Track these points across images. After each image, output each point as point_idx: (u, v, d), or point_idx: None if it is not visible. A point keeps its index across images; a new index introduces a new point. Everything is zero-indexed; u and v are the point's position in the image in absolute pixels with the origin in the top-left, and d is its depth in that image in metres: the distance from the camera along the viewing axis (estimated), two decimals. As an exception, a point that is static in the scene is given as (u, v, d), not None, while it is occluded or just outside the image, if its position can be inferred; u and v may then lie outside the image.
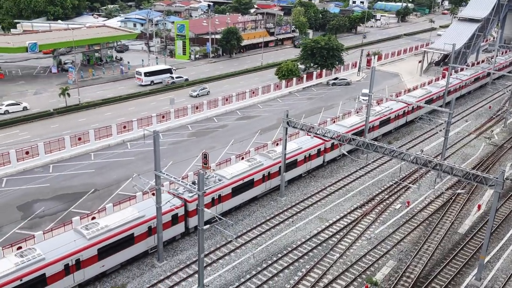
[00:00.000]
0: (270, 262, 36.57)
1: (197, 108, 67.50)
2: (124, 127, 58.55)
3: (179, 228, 38.36)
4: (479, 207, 45.22)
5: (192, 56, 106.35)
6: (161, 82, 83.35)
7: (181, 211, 37.86)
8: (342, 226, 41.83)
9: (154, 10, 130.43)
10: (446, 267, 36.62)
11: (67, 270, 31.58)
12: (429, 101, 69.87)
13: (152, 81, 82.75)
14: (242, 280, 34.51)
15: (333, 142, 40.60)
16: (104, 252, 33.25)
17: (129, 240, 34.64)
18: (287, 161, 45.85)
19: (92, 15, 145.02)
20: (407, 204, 45.71)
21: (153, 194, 37.35)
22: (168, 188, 41.59)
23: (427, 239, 40.13)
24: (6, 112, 64.78)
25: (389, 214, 44.07)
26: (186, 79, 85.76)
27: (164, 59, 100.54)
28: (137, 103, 73.24)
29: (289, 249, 38.32)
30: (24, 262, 29.81)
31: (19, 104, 66.70)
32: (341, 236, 40.11)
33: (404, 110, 64.61)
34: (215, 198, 40.42)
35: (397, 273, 35.78)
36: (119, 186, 46.83)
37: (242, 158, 49.11)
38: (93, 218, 38.10)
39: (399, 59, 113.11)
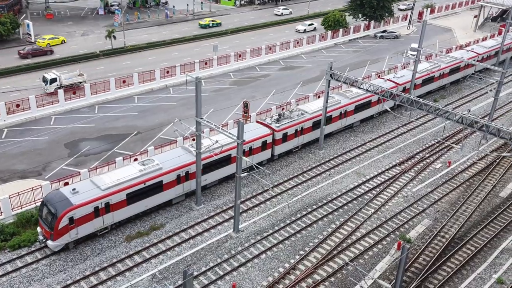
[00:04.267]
0: (304, 212, 37.16)
1: (240, 56, 67.04)
2: (167, 72, 59.14)
3: (267, 154, 42.53)
4: (524, 172, 43.80)
5: (237, 2, 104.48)
6: None
7: (269, 139, 41.94)
8: (379, 182, 41.64)
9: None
10: (483, 229, 36.14)
11: (179, 180, 36.14)
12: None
13: None
14: (276, 228, 35.36)
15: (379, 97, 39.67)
16: (208, 168, 37.41)
17: (227, 160, 38.87)
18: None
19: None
20: (448, 164, 44.76)
21: (193, 139, 38.00)
22: (208, 135, 42.26)
23: (466, 201, 39.49)
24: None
25: (428, 173, 43.40)
26: None
27: (209, 4, 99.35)
28: (180, 48, 73.39)
29: (324, 201, 38.69)
30: (146, 170, 34.37)
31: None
32: (377, 192, 40.02)
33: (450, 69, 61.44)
34: (298, 130, 44.05)
35: (432, 232, 35.65)
36: (161, 130, 47.96)
37: (319, 97, 51.60)
38: (136, 159, 39.47)
39: (453, 13, 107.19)
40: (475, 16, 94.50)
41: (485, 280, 31.43)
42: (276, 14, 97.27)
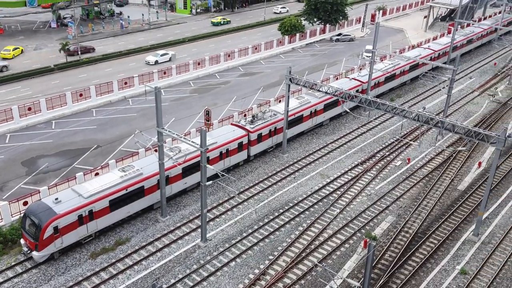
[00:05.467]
0: (271, 217, 37.29)
1: (199, 64, 66.83)
2: (125, 83, 58.24)
3: (243, 155, 43.46)
4: (479, 164, 45.51)
5: (194, 11, 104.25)
6: None
7: (245, 140, 42.88)
8: (343, 182, 42.33)
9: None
10: (444, 223, 37.31)
11: (159, 185, 35.89)
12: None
13: None
14: (244, 234, 35.31)
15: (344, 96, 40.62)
16: (187, 171, 37.96)
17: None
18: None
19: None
20: (407, 161, 46.02)
21: (155, 150, 37.56)
22: (171, 144, 41.85)
23: (426, 196, 40.68)
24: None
25: (389, 171, 44.47)
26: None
27: (165, 13, 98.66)
28: (137, 59, 72.47)
29: (291, 204, 38.96)
30: (127, 176, 34.62)
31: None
32: (341, 192, 40.66)
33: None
34: (271, 130, 45.26)
35: (396, 228, 36.51)
36: (122, 143, 47.10)
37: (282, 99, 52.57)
38: (97, 174, 38.59)
39: (404, 14, 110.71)
40: (425, 17, 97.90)
41: (449, 272, 32.42)
42: (275, 12, 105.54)
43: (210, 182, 32.50)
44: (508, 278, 31.94)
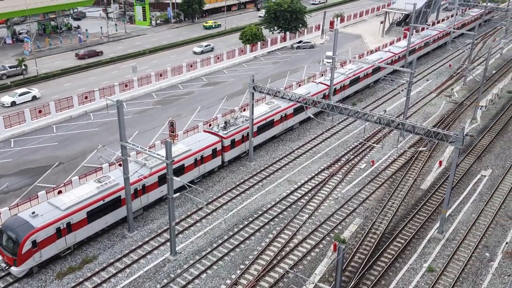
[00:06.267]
0: (241, 226, 37.17)
1: (161, 75, 66.26)
2: (86, 97, 57.04)
3: (218, 161, 43.93)
4: (440, 163, 46.90)
5: (153, 22, 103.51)
6: None
7: (218, 146, 43.36)
8: (310, 187, 42.71)
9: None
10: (410, 222, 38.15)
11: (136, 194, 36.35)
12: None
13: None
14: (214, 245, 35.03)
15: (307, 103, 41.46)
16: (163, 179, 37.16)
17: (181, 170, 39.74)
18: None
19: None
20: (371, 163, 46.92)
21: (120, 165, 36.96)
22: (135, 158, 41.22)
23: (391, 196, 41.54)
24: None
25: (354, 174, 45.20)
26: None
27: (124, 25, 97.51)
28: (98, 72, 71.22)
29: (260, 212, 38.98)
30: (104, 186, 34.45)
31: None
32: (309, 197, 41.00)
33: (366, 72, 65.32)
34: (244, 135, 45.73)
35: (364, 230, 37.07)
36: (84, 158, 46.02)
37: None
38: (60, 192, 37.54)
39: (361, 21, 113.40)
40: (382, 22, 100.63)
41: (417, 270, 33.12)
42: (260, 16, 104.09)
43: (178, 194, 32.16)
44: (473, 273, 32.92)
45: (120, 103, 31.77)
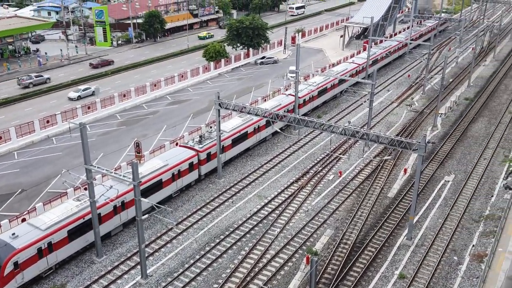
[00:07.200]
0: (213, 244, 36.78)
1: (124, 96, 65.47)
2: (48, 121, 55.66)
3: (194, 175, 44.08)
4: (405, 171, 47.95)
5: (114, 43, 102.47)
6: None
7: (195, 160, 43.61)
8: (280, 201, 42.78)
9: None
10: (379, 230, 38.69)
11: (115, 211, 36.46)
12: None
13: None
14: (186, 266, 34.48)
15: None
16: (145, 192, 37.67)
17: (159, 185, 40.27)
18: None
19: (1, 5, 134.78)
20: (339, 174, 47.51)
21: (85, 188, 36.13)
22: (101, 181, 40.36)
23: (360, 206, 42.08)
24: None
25: (323, 186, 45.62)
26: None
27: (85, 47, 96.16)
28: (58, 95, 69.72)
29: (231, 229, 38.69)
30: (83, 204, 34.29)
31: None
32: (280, 211, 41.04)
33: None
34: (220, 148, 45.74)
35: (335, 241, 37.32)
36: (48, 184, 44.72)
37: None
38: (24, 220, 36.27)
39: (322, 35, 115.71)
40: (341, 36, 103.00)
41: (388, 277, 33.51)
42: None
43: (146, 215, 31.60)
44: (443, 277, 33.57)
45: (83, 125, 31.20)
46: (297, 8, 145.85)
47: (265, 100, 62.81)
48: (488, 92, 72.79)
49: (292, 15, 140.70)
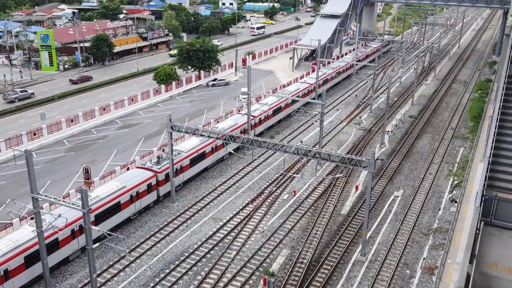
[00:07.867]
0: (168, 271, 35.94)
1: (72, 121, 63.62)
2: (-10, 149, 53.12)
3: (153, 196, 43.79)
4: (356, 188, 49.08)
5: (61, 67, 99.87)
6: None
7: (153, 181, 43.37)
8: (236, 223, 42.55)
9: (12, 20, 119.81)
10: (334, 247, 39.19)
11: (73, 235, 35.91)
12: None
13: None
14: (141, 293, 33.46)
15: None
16: (103, 216, 38.30)
17: (117, 208, 39.73)
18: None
19: None
20: (293, 194, 47.96)
21: (31, 218, 34.60)
22: (49, 210, 38.72)
23: (315, 224, 42.55)
24: None
25: (278, 205, 45.85)
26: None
27: (30, 72, 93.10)
28: (2, 122, 66.84)
29: (186, 254, 38.01)
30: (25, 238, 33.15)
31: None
32: (236, 233, 40.78)
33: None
34: (177, 168, 46.09)
35: (291, 260, 37.42)
36: (-9, 215, 42.41)
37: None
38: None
39: (272, 57, 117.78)
40: (291, 58, 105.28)
41: (345, 294, 33.87)
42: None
43: (97, 244, 30.52)
44: (397, 290, 34.32)
45: (29, 152, 29.98)
46: (258, 28, 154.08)
47: (217, 121, 62.87)
48: (430, 110, 76.24)
49: (253, 35, 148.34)
